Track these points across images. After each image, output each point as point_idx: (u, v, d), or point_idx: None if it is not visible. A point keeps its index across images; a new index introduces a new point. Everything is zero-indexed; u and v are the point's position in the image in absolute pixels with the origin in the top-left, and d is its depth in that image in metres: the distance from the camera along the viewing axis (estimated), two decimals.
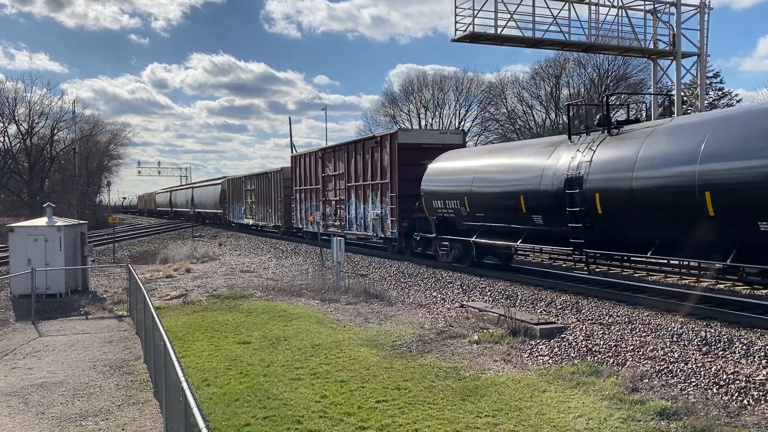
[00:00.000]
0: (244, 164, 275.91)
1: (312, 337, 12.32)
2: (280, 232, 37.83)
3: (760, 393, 8.12)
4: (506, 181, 17.30)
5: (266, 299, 16.93)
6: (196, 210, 62.20)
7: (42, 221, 19.26)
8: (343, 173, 27.58)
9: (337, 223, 28.25)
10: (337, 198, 28.33)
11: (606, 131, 14.94)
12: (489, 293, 15.76)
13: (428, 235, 21.33)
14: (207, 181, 67.51)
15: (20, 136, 67.05)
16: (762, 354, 9.39)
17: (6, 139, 66.76)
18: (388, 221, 23.71)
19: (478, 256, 19.64)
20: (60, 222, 19.31)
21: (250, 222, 43.48)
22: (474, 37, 26.66)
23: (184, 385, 5.34)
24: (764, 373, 8.66)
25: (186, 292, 18.70)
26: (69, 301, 18.05)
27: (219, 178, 58.91)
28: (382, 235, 24.52)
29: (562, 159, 15.40)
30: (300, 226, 33.45)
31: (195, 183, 70.69)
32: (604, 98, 16.21)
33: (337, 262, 18.92)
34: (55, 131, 68.29)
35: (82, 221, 22.59)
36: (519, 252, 22.12)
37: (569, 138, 15.96)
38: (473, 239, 19.07)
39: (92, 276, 21.18)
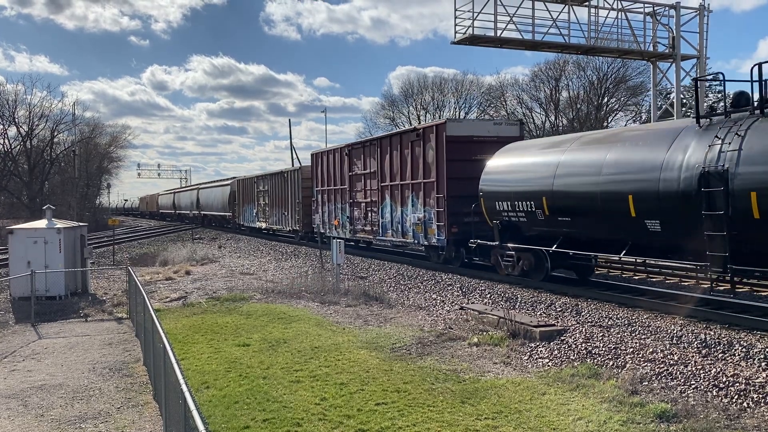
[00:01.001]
0: (244, 166, 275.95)
1: (311, 339, 12.31)
2: (298, 237, 34.63)
3: (760, 395, 8.12)
4: (606, 178, 14.09)
5: (266, 301, 16.93)
6: (203, 212, 59.27)
7: (42, 223, 19.26)
8: (375, 172, 24.58)
9: (368, 227, 25.36)
10: (368, 200, 25.36)
11: (759, 111, 11.58)
12: (489, 295, 15.76)
13: (488, 243, 18.21)
14: (214, 181, 63.15)
15: (20, 139, 67.13)
16: (762, 356, 9.39)
17: (6, 141, 66.84)
18: (432, 226, 20.72)
19: (553, 268, 16.61)
20: (60, 224, 19.32)
21: (263, 226, 40.19)
22: (474, 40, 26.70)
23: (184, 387, 5.34)
24: (764, 375, 8.66)
25: (185, 295, 18.70)
26: (68, 303, 18.05)
27: (227, 179, 55.29)
28: (425, 243, 21.53)
29: (692, 149, 12.23)
30: (322, 231, 29.80)
31: (201, 184, 66.32)
32: (756, 68, 11.69)
33: (337, 265, 18.92)
34: (55, 133, 68.38)
35: (81, 223, 22.59)
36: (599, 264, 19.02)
37: (697, 122, 12.64)
38: (553, 249, 15.76)
39: (92, 278, 21.18)
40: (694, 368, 9.20)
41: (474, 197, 18.62)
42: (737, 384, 8.50)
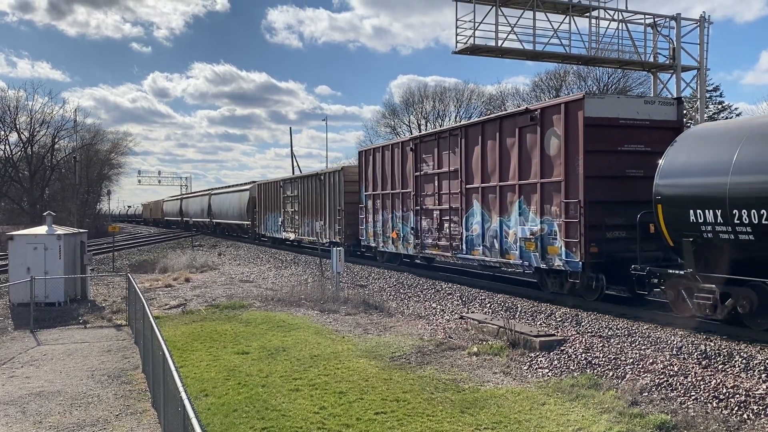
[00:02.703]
0: (245, 174, 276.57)
1: (311, 347, 12.29)
2: None
3: (760, 407, 8.10)
4: None
5: (265, 309, 16.91)
6: (215, 220, 54.15)
7: (42, 230, 19.26)
8: (457, 170, 19.33)
9: (443, 242, 20.14)
10: (443, 206, 20.16)
11: None
12: (488, 305, 15.74)
13: (670, 271, 12.77)
14: (229, 186, 56.18)
15: (21, 145, 67.25)
16: (762, 368, 9.37)
17: (7, 147, 66.96)
18: (556, 243, 15.28)
19: None
20: (60, 231, 19.32)
21: (292, 237, 34.74)
22: (475, 50, 26.79)
23: (183, 395, 5.33)
24: (764, 387, 8.64)
25: (185, 302, 18.68)
26: (68, 309, 18.03)
27: (245, 183, 49.84)
28: (540, 265, 15.88)
29: None
30: (373, 245, 25.01)
31: (213, 189, 59.55)
32: None
33: (337, 273, 18.91)
34: (56, 140, 68.48)
35: (81, 230, 22.59)
36: None
37: None
38: None
39: (91, 285, 21.16)
40: (694, 379, 9.19)
41: (622, 204, 14.49)
42: (737, 395, 8.48)
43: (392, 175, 23.60)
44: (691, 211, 12.08)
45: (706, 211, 11.86)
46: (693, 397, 8.70)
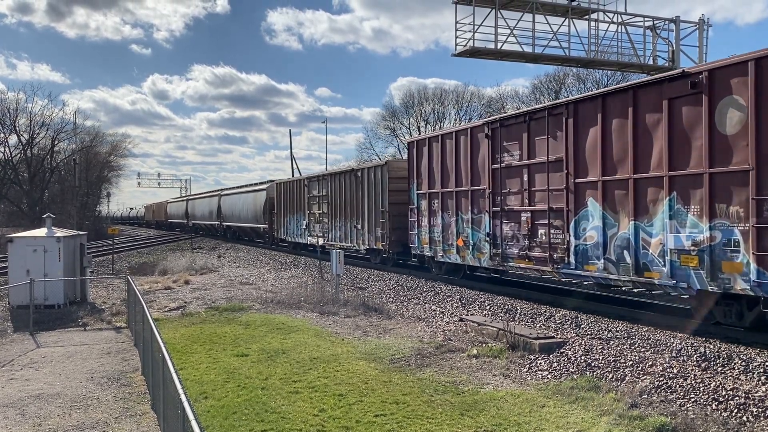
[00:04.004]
0: (244, 176, 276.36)
1: (310, 350, 12.29)
2: (379, 259, 25.31)
3: (760, 409, 8.10)
4: None
5: (265, 311, 16.91)
6: (225, 223, 50.18)
7: (41, 232, 19.27)
8: (560, 160, 15.03)
9: (537, 252, 15.85)
10: (539, 207, 15.82)
11: None
12: (488, 307, 15.74)
13: None
14: (242, 186, 51.43)
15: (21, 147, 67.33)
16: (761, 370, 9.38)
17: (6, 149, 67.02)
18: (739, 257, 11.08)
19: None
20: (59, 233, 19.32)
21: (320, 242, 29.64)
22: (474, 52, 26.82)
23: (183, 397, 5.33)
24: (763, 389, 8.65)
25: (184, 304, 18.67)
26: (67, 312, 18.03)
27: (261, 183, 45.54)
28: (710, 287, 11.58)
29: None
30: (427, 253, 20.93)
31: (223, 189, 55.31)
32: None
33: (336, 275, 18.91)
34: (56, 142, 68.60)
35: (81, 232, 22.60)
36: None
37: None
38: None
39: (91, 287, 21.16)
40: (693, 382, 9.19)
41: None
42: (737, 398, 8.48)
43: (456, 169, 19.25)
44: None
45: None
46: (692, 400, 8.70)
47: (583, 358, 10.84)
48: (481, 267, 18.60)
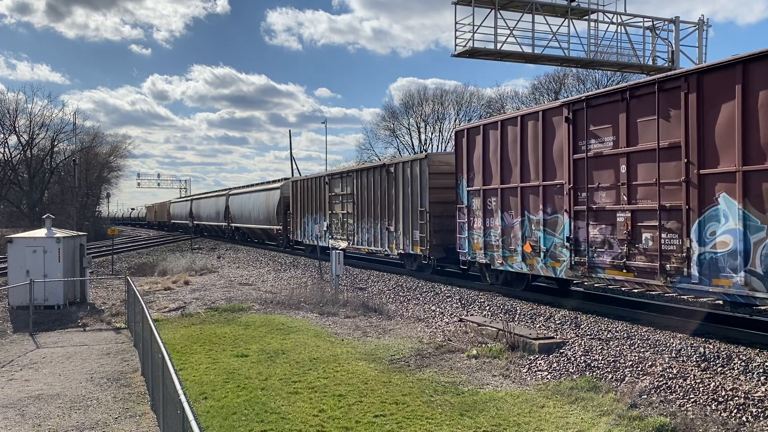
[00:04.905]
0: (244, 176, 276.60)
1: (310, 350, 12.29)
2: (416, 265, 22.43)
3: (759, 410, 8.10)
4: None
5: (264, 312, 16.91)
6: (234, 224, 47.92)
7: (41, 232, 19.27)
8: (676, 146, 12.22)
9: (640, 261, 12.95)
10: (643, 205, 12.96)
11: None
12: (488, 308, 15.74)
13: None
14: (252, 185, 47.61)
15: (20, 147, 67.40)
16: (761, 370, 9.38)
17: (6, 150, 67.06)
18: None
19: None
20: (59, 233, 19.32)
21: (342, 245, 27.35)
22: (474, 53, 26.83)
23: (182, 398, 5.33)
24: (763, 389, 8.65)
25: (184, 305, 18.68)
26: (67, 312, 18.03)
27: (275, 181, 42.35)
28: None
29: None
30: (482, 260, 18.04)
31: (232, 188, 52.24)
32: None
33: (336, 276, 18.91)
34: (56, 142, 68.70)
35: (81, 233, 22.60)
36: None
37: None
38: None
39: (90, 288, 21.15)
40: (693, 382, 9.19)
41: None
42: (736, 398, 8.49)
43: (522, 161, 16.27)
44: None
45: None
46: (692, 400, 8.71)
47: (582, 358, 10.85)
48: (557, 278, 15.56)
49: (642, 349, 11.07)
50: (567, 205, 14.79)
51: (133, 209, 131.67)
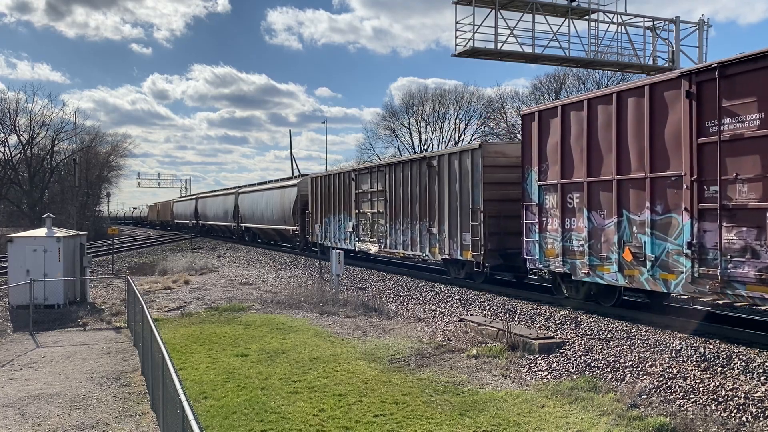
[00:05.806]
0: (244, 176, 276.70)
1: (310, 350, 12.29)
2: (464, 273, 19.74)
3: (759, 410, 8.10)
4: None
5: (265, 312, 16.91)
6: (243, 225, 44.94)
7: (41, 232, 19.27)
8: None
9: None
10: None
11: None
12: (488, 307, 15.74)
13: None
14: (265, 183, 43.82)
15: (21, 147, 67.43)
16: (760, 371, 9.38)
17: (6, 149, 67.11)
18: None
19: None
20: (59, 233, 19.33)
21: (373, 249, 25.27)
22: (474, 53, 26.82)
23: (182, 397, 5.34)
24: (763, 389, 8.65)
25: (184, 304, 18.68)
26: (67, 312, 18.03)
27: (290, 178, 39.76)
28: None
29: None
30: (556, 269, 15.18)
31: (241, 187, 48.79)
32: None
33: (336, 275, 18.91)
34: (56, 142, 68.73)
35: (81, 232, 22.60)
36: None
37: None
38: None
39: (91, 287, 21.16)
40: (693, 382, 9.19)
41: None
42: (736, 398, 8.49)
43: (619, 147, 13.32)
44: None
45: None
46: (692, 400, 8.71)
47: (582, 358, 10.85)
48: (672, 293, 12.50)
49: (642, 349, 11.07)
50: (687, 202, 11.72)
51: (135, 208, 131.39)
